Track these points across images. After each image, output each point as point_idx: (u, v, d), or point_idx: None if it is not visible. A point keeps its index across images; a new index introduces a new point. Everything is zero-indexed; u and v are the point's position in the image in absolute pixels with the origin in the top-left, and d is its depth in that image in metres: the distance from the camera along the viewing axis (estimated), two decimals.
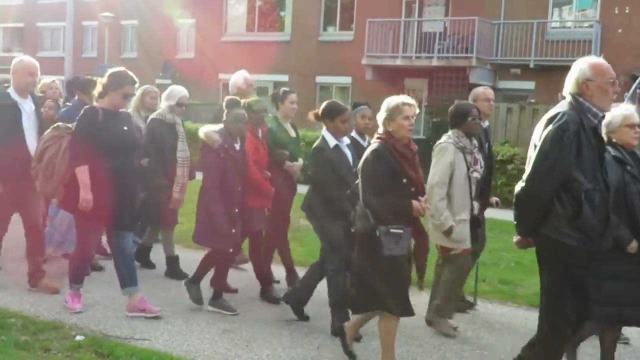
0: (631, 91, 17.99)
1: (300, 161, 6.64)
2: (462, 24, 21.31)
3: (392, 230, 4.52)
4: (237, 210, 5.88)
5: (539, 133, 4.13)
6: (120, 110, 5.77)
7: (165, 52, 29.27)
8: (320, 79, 24.82)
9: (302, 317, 5.93)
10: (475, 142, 5.73)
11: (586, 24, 20.84)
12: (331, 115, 5.56)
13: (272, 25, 27.51)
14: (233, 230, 5.85)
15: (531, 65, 20.43)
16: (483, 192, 6.05)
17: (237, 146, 5.93)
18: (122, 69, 5.71)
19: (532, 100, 18.25)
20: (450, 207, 5.53)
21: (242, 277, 7.12)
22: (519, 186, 4.17)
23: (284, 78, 25.46)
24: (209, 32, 27.80)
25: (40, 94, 7.71)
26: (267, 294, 6.51)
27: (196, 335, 5.43)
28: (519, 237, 4.37)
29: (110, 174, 5.47)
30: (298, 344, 5.34)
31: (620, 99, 20.13)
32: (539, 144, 4.08)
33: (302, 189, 6.25)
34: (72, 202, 5.51)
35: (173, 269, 7.14)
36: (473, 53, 20.63)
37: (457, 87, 20.82)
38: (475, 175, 5.67)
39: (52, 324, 5.43)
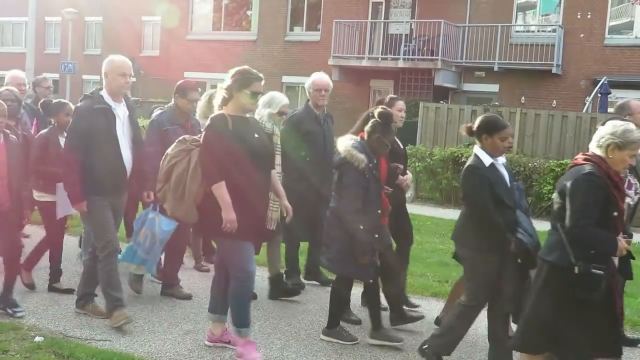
0: (592, 95, 18.33)
1: (410, 175, 6.17)
2: (428, 26, 21.47)
3: (593, 271, 4.03)
4: (377, 236, 5.25)
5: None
6: (247, 115, 5.06)
7: (130, 50, 28.91)
8: (286, 79, 24.78)
9: None
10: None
11: (549, 29, 21.15)
12: (490, 130, 4.90)
13: (238, 25, 27.40)
14: (375, 258, 5.24)
15: (495, 68, 20.67)
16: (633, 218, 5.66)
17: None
18: (245, 67, 5.01)
19: (496, 103, 18.46)
20: None
21: (204, 277, 7.06)
22: None
23: None
24: (175, 30, 27.59)
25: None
26: (402, 316, 5.89)
27: (158, 336, 5.37)
28: None
29: (249, 188, 4.77)
30: (261, 344, 5.30)
31: (581, 103, 20.52)
32: None
33: None
34: (211, 225, 4.82)
35: (277, 287, 6.63)
36: (438, 55, 20.79)
37: (423, 89, 21.00)
38: (628, 200, 5.25)
39: (11, 325, 5.32)
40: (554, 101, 20.43)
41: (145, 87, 26.79)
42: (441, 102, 18.26)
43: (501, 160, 4.97)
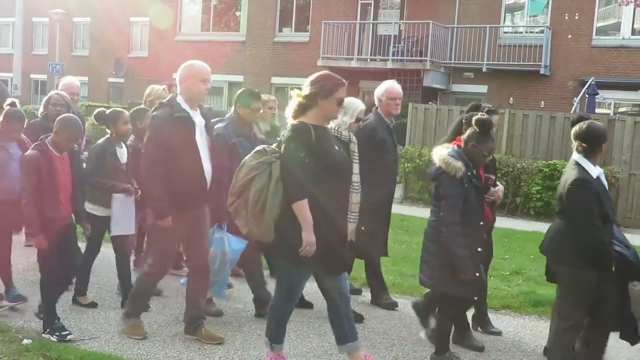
0: (580, 96, 18.42)
1: (502, 187, 5.68)
2: (416, 27, 21.52)
3: None
4: (480, 250, 4.94)
5: None
6: (326, 125, 4.61)
7: (118, 50, 28.88)
8: (275, 80, 24.76)
9: None
10: None
11: (537, 30, 21.25)
12: (597, 141, 4.64)
13: (227, 25, 27.37)
14: (477, 274, 4.88)
15: (484, 69, 20.74)
16: None
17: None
18: (327, 72, 4.71)
19: (488, 105, 18.52)
20: None
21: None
22: None
23: (239, 78, 25.37)
24: (163, 31, 27.51)
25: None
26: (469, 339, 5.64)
27: (148, 337, 5.34)
28: None
29: (330, 205, 4.35)
30: (250, 346, 5.30)
31: (569, 104, 20.61)
32: None
33: None
34: (283, 246, 4.36)
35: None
36: (427, 56, 20.85)
37: (412, 90, 21.01)
38: None
39: None
40: (542, 102, 20.52)
41: (134, 88, 26.67)
42: (430, 103, 18.29)
43: (599, 170, 4.69)
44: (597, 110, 18.27)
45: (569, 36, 20.38)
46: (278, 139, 4.57)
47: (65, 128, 5.24)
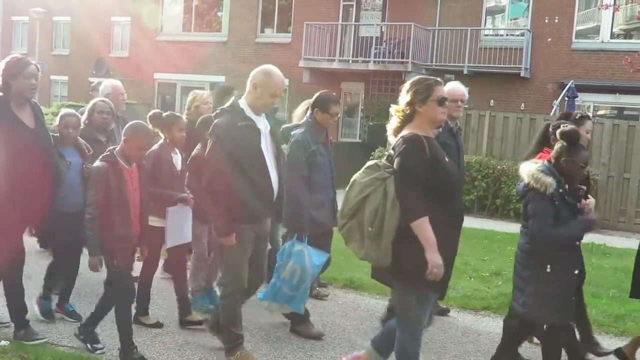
0: (559, 98, 18.58)
1: (593, 200, 5.04)
2: (398, 29, 21.58)
3: None
4: (577, 272, 4.60)
5: None
6: (435, 133, 4.25)
7: (99, 50, 28.70)
8: None
9: None
10: None
11: (518, 33, 21.39)
12: None
13: (209, 26, 27.29)
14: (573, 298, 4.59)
15: (465, 72, 20.83)
16: None
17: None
18: (416, 77, 4.33)
19: (466, 106, 18.62)
20: None
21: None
22: None
23: (221, 79, 25.27)
24: (145, 30, 27.38)
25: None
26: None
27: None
28: None
29: (447, 223, 3.99)
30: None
31: (548, 106, 20.77)
32: None
33: None
34: (400, 269, 3.97)
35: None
36: (409, 58, 20.91)
37: (393, 92, 20.99)
38: None
39: None
40: (523, 104, 20.66)
41: None
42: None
43: None
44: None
45: (549, 39, 20.54)
46: (387, 152, 4.21)
47: (137, 135, 4.85)
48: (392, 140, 4.17)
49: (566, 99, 18.08)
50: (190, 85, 26.14)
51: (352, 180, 4.08)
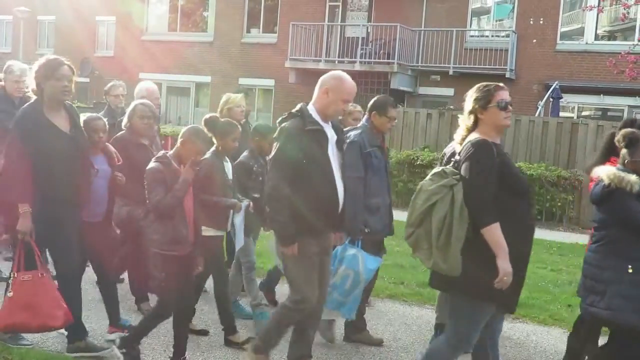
0: (544, 100, 18.70)
1: None
2: (384, 30, 21.63)
3: None
4: None
5: None
6: (500, 139, 4.08)
7: (84, 50, 28.52)
8: (243, 81, 24.68)
9: None
10: None
11: (503, 34, 21.50)
12: None
13: (194, 26, 27.22)
14: None
15: (450, 73, 20.92)
16: None
17: None
18: (477, 84, 4.10)
19: (451, 107, 18.68)
20: None
21: None
22: None
23: (207, 79, 25.27)
24: (130, 30, 27.27)
25: None
26: None
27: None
28: None
29: (518, 232, 3.86)
30: (216, 347, 5.28)
31: (533, 107, 20.86)
32: None
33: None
34: (471, 280, 3.78)
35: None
36: (395, 59, 20.95)
37: (379, 92, 21.01)
38: None
39: None
40: None
41: (99, 87, 26.39)
42: (397, 105, 18.40)
43: None
44: (560, 114, 18.57)
45: (534, 40, 20.65)
46: (454, 159, 4.09)
47: (197, 140, 4.69)
48: (459, 149, 4.08)
49: (551, 100, 18.22)
50: (175, 85, 26.12)
51: (418, 187, 3.96)
